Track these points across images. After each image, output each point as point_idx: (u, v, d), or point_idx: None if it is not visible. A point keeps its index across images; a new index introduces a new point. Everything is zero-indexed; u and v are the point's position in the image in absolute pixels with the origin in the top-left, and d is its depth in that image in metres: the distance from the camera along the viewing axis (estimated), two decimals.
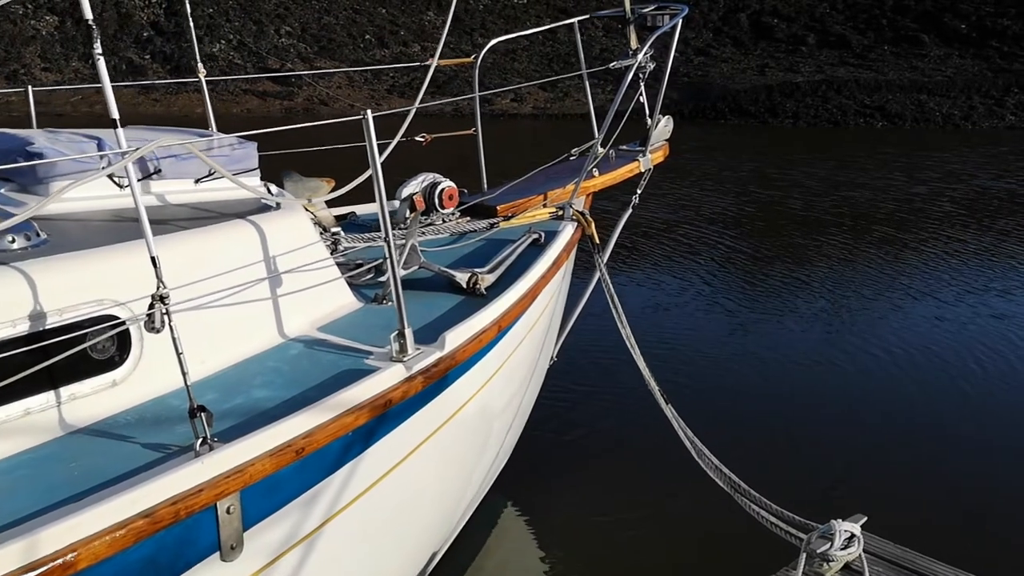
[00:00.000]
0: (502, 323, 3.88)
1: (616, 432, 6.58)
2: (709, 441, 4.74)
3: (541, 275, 4.38)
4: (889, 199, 15.60)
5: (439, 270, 4.12)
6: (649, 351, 5.30)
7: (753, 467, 4.98)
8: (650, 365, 5.01)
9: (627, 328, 4.96)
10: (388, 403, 3.18)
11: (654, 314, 9.34)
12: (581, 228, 5.23)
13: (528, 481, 5.82)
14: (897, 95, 26.95)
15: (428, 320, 3.89)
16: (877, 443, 6.40)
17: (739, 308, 9.66)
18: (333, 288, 3.85)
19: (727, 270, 11.26)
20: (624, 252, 11.71)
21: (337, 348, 3.52)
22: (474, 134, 5.96)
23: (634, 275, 10.77)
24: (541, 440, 6.18)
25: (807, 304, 9.77)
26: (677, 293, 10.09)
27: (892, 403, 7.11)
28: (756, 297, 10.16)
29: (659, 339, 8.32)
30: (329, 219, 4.97)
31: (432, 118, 29.45)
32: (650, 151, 6.26)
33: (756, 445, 6.22)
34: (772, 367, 7.89)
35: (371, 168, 3.29)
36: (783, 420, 6.81)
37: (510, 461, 5.42)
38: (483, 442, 4.34)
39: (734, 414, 6.82)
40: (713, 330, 8.90)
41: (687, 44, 34.18)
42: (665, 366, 7.53)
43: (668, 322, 9.10)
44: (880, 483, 5.82)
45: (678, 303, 9.76)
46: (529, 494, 5.77)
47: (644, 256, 11.68)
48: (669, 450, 4.99)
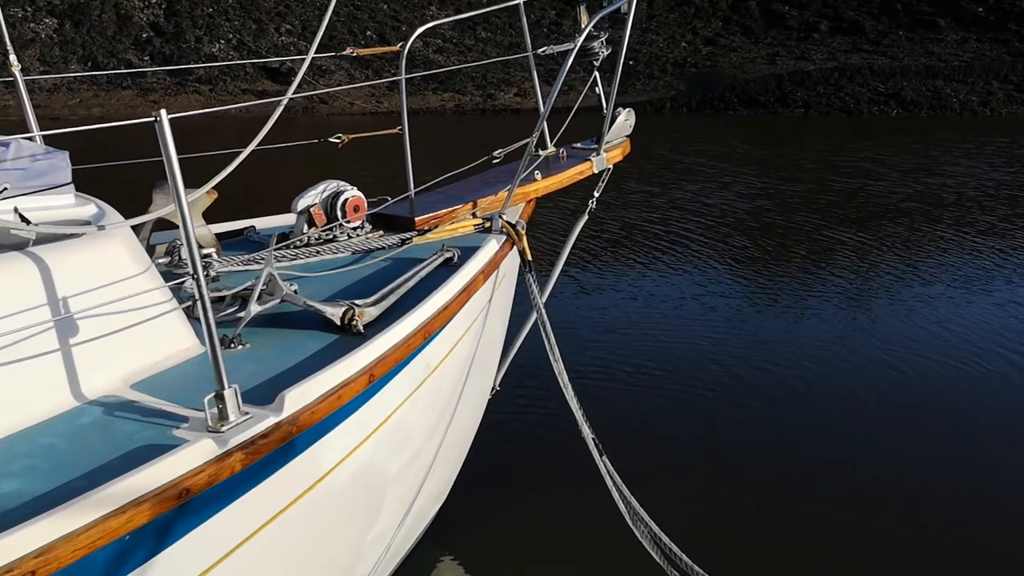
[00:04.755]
0: (376, 371, 3.11)
1: (554, 475, 5.63)
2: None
3: (443, 304, 3.61)
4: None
5: (305, 304, 3.35)
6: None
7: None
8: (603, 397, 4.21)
9: (560, 362, 4.18)
10: (184, 493, 2.43)
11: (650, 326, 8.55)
12: (511, 242, 4.45)
13: (464, 523, 5.07)
14: (912, 81, 25.98)
15: (287, 368, 3.12)
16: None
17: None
18: (164, 330, 3.10)
19: (741, 271, 10.45)
20: (614, 255, 10.93)
21: (146, 413, 2.77)
22: (400, 132, 5.18)
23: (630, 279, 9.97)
24: (485, 476, 5.42)
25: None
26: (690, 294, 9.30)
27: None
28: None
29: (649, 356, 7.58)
30: (208, 237, 4.22)
31: (431, 115, 28.71)
32: (605, 150, 5.48)
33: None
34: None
35: (169, 179, 2.52)
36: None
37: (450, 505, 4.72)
38: (371, 509, 3.57)
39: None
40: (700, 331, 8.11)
41: (695, 34, 33.30)
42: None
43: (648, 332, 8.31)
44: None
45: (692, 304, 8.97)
46: (466, 541, 5.02)
47: (638, 261, 10.87)
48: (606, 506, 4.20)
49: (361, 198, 4.49)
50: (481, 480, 5.39)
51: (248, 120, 29.05)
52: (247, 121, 28.75)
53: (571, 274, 10.12)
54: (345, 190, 4.46)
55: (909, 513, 5.24)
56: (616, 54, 5.17)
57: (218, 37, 34.20)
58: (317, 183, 4.50)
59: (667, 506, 4.41)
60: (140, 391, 2.89)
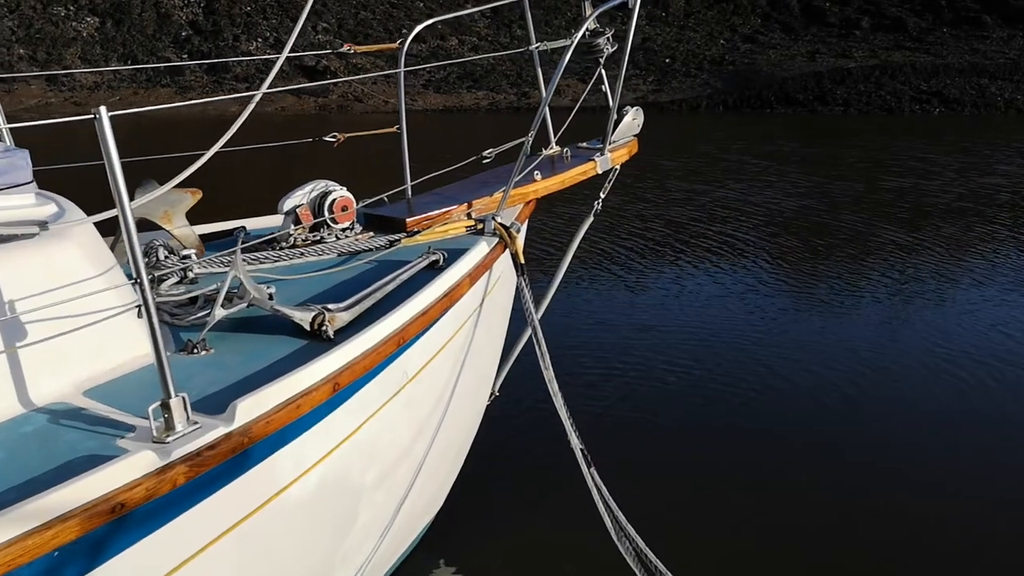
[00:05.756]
0: (342, 380, 2.98)
1: (553, 483, 5.28)
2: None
3: (422, 310, 3.47)
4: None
5: (272, 308, 3.23)
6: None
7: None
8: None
9: (550, 370, 4.02)
10: (118, 508, 2.31)
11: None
12: (504, 245, 4.29)
13: (462, 533, 4.94)
14: (956, 79, 25.45)
15: (248, 376, 3.00)
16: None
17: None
18: (123, 334, 2.99)
19: (777, 273, 10.23)
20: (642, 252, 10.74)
21: (93, 422, 2.66)
22: (398, 132, 5.06)
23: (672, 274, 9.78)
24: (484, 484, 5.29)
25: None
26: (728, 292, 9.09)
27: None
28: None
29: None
30: (191, 238, 4.13)
31: (465, 113, 28.64)
32: (610, 150, 5.30)
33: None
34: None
35: (109, 179, 2.41)
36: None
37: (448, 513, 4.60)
38: (342, 522, 3.44)
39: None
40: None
41: (734, 31, 32.91)
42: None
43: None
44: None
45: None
46: (461, 553, 4.88)
47: (670, 260, 10.67)
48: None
49: (350, 198, 4.36)
50: (479, 488, 5.26)
51: (286, 117, 29.18)
52: (285, 118, 28.84)
53: (616, 272, 10.02)
54: (333, 190, 4.33)
55: (968, 539, 4.86)
56: (621, 50, 4.99)
57: (255, 35, 34.44)
58: (305, 183, 4.39)
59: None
60: (91, 398, 2.79)
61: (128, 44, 34.61)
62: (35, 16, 35.11)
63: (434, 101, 30.46)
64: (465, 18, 34.26)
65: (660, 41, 32.91)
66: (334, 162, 8.94)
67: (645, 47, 32.11)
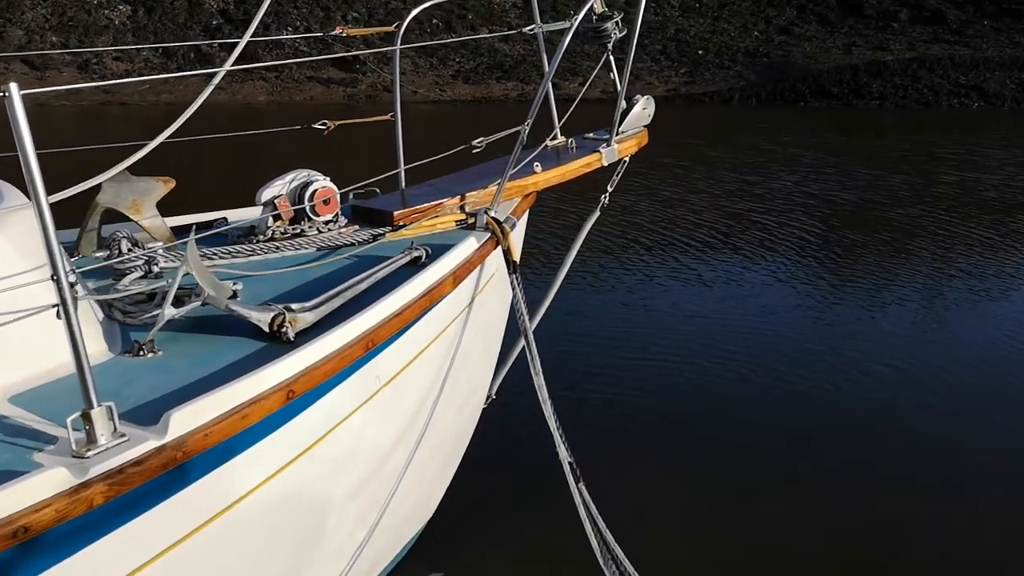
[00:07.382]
0: (298, 387, 2.71)
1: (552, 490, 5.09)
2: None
3: (395, 310, 3.19)
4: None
5: (227, 308, 2.96)
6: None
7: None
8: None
9: (540, 376, 3.74)
10: (20, 532, 2.07)
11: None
12: (495, 240, 4.01)
13: (457, 542, 4.68)
14: (996, 73, 24.76)
15: (194, 381, 2.74)
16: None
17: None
18: (58, 335, 2.74)
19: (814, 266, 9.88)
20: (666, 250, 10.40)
21: (14, 432, 2.42)
22: (392, 120, 4.77)
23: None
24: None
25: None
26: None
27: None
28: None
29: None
30: (162, 230, 3.89)
31: (494, 104, 28.30)
32: (618, 140, 5.00)
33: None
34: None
35: (20, 158, 2.15)
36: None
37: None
38: (305, 539, 3.18)
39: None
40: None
41: (768, 23, 32.29)
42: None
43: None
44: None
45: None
46: (456, 563, 4.62)
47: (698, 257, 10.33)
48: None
49: (332, 189, 4.09)
50: (478, 494, 5.00)
51: (314, 106, 29.11)
52: (313, 107, 28.74)
53: (674, 265, 9.81)
54: (315, 180, 4.07)
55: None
56: (630, 35, 4.70)
57: (286, 24, 34.31)
58: (285, 172, 4.12)
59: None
60: (17, 405, 2.55)
61: (160, 32, 34.63)
62: (68, 4, 35.25)
63: (463, 91, 30.16)
64: (496, 9, 33.93)
65: (693, 32, 32.37)
66: (350, 152, 8.69)
67: (678, 38, 31.62)
